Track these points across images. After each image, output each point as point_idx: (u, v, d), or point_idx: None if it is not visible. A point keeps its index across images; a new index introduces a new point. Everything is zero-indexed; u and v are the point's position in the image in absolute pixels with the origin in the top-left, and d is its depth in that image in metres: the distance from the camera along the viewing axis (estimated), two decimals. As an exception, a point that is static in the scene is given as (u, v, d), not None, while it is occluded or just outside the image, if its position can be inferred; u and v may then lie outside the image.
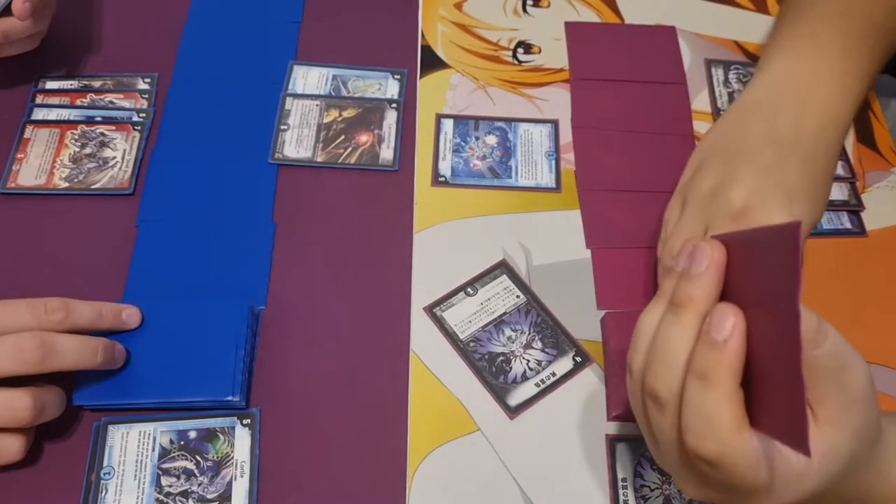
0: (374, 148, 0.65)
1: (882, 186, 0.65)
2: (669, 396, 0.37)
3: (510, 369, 0.55)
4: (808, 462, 0.35)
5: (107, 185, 0.62)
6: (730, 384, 0.35)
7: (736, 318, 0.35)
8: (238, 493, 0.49)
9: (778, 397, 0.33)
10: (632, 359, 0.40)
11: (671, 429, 0.38)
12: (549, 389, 0.54)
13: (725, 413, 0.35)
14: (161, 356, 0.52)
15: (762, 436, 0.35)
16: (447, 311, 0.57)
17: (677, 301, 0.38)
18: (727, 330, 0.35)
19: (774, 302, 0.33)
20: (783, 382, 0.32)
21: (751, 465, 0.35)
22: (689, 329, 0.37)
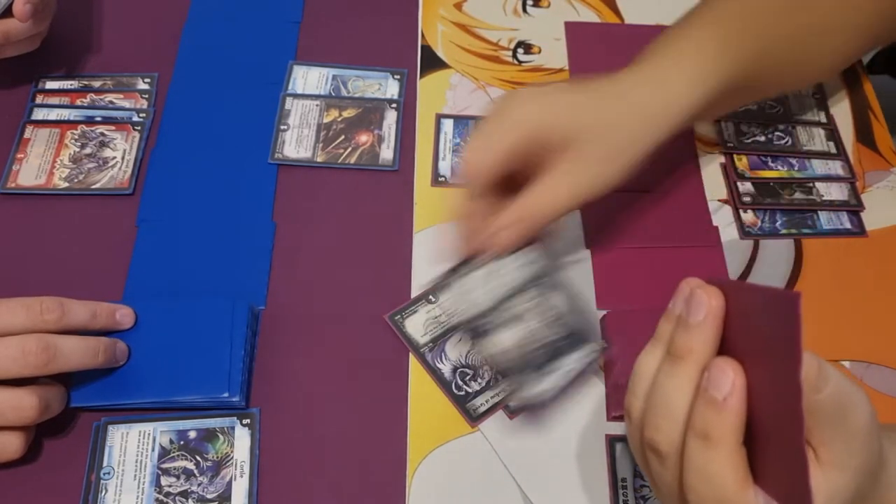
0: (374, 148, 0.65)
1: (882, 186, 0.65)
2: (670, 450, 0.37)
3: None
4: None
5: (107, 185, 0.62)
6: (732, 443, 0.34)
7: (735, 374, 0.34)
8: (238, 493, 0.49)
9: (779, 455, 0.33)
10: (630, 405, 0.40)
11: (673, 481, 0.37)
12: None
13: (728, 472, 0.34)
14: (158, 355, 0.52)
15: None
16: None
17: (675, 352, 0.37)
18: (727, 388, 0.34)
19: (775, 359, 0.32)
20: (784, 440, 0.32)
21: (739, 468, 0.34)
22: (687, 381, 0.36)
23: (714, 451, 0.34)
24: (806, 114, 0.68)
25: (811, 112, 0.68)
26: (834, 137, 0.67)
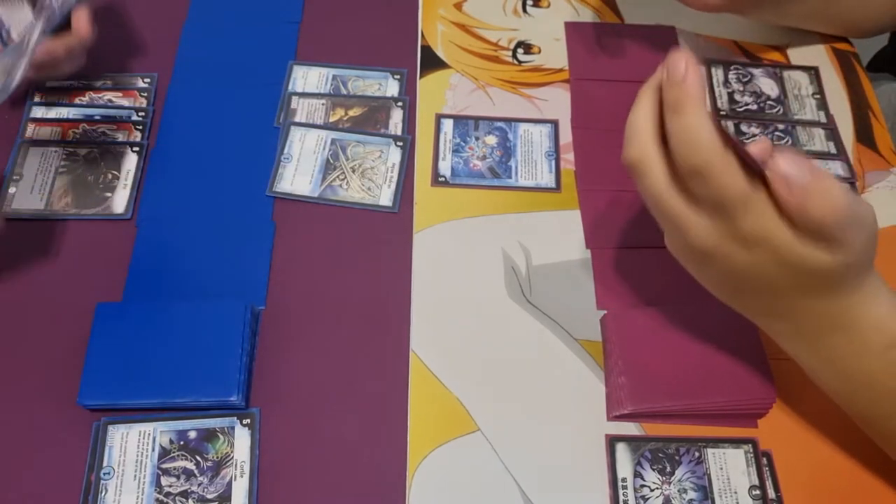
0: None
1: (882, 186, 0.65)
2: (642, 157, 0.43)
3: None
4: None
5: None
6: (699, 109, 0.40)
7: (688, 58, 0.40)
8: (238, 493, 0.49)
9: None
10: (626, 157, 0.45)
11: (654, 184, 0.43)
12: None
13: (704, 130, 0.39)
14: (163, 357, 0.52)
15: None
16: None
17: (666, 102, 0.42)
18: (682, 67, 0.40)
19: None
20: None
21: (733, 172, 0.39)
22: (649, 104, 0.43)
23: (688, 115, 0.40)
24: (806, 114, 0.68)
25: (811, 112, 0.68)
26: (834, 137, 0.67)
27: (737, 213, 0.40)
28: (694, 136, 0.40)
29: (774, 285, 0.43)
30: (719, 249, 0.42)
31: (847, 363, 0.45)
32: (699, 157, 0.40)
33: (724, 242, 0.42)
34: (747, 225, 0.40)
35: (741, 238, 0.41)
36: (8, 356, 0.55)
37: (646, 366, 0.53)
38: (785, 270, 0.42)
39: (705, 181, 0.40)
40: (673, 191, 0.43)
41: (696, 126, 0.40)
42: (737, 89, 0.70)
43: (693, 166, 0.40)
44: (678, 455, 0.52)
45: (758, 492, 0.51)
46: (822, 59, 0.73)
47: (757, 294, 0.45)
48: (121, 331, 0.53)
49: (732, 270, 0.43)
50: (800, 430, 0.53)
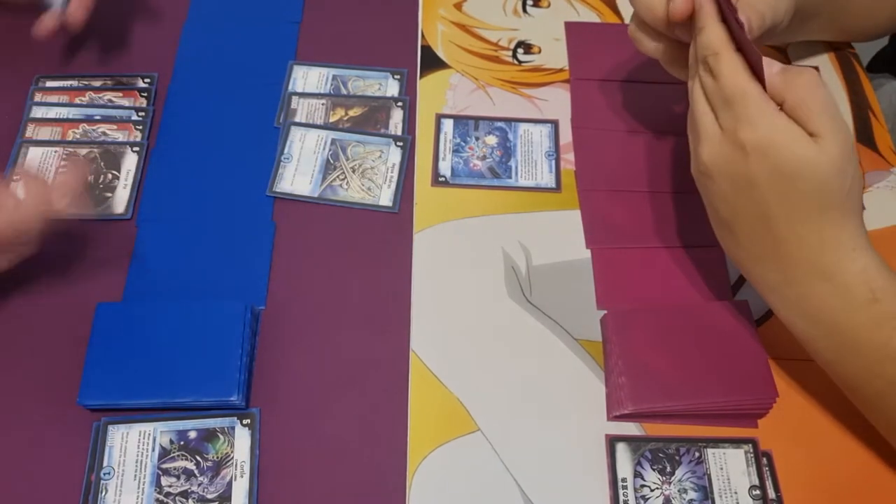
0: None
1: (882, 186, 0.65)
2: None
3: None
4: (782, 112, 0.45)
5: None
6: (713, 22, 0.48)
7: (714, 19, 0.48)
8: (238, 493, 0.49)
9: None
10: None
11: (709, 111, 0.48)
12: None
13: (714, 35, 0.47)
14: (163, 357, 0.52)
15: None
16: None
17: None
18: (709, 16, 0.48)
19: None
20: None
21: (737, 68, 0.46)
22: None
23: (704, 30, 0.48)
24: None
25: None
26: (834, 137, 0.67)
27: (737, 107, 0.45)
28: (707, 40, 0.47)
29: (768, 212, 0.46)
30: (722, 157, 0.47)
31: (833, 317, 0.47)
32: (710, 56, 0.47)
33: (726, 149, 0.46)
34: (746, 126, 0.45)
35: (741, 143, 0.45)
36: (8, 356, 0.55)
37: (646, 366, 0.53)
38: (777, 183, 0.45)
39: (714, 75, 0.46)
40: (700, 95, 0.48)
41: (710, 33, 0.47)
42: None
43: (706, 64, 0.47)
44: (678, 455, 0.52)
45: (758, 492, 0.51)
46: (822, 59, 0.73)
47: (752, 227, 0.47)
48: (121, 331, 0.53)
49: (733, 185, 0.47)
50: (800, 430, 0.53)
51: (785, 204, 0.45)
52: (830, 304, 0.46)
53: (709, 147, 0.47)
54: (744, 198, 0.47)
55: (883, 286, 0.45)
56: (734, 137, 0.46)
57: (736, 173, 0.46)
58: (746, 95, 0.45)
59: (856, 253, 0.46)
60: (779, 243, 0.47)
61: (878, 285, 0.45)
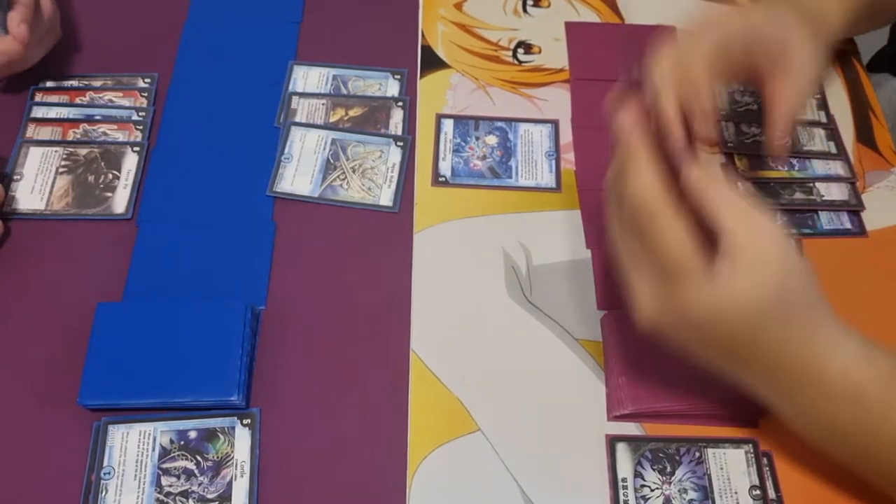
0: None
1: (882, 186, 0.65)
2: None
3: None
4: (732, 266, 0.40)
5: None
6: (645, 165, 0.42)
7: (631, 118, 0.43)
8: (238, 493, 0.49)
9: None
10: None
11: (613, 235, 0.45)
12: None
13: (648, 186, 0.41)
14: (164, 357, 0.52)
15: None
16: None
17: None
18: (628, 127, 0.42)
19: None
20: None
21: (679, 236, 0.41)
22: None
23: (634, 174, 0.42)
24: (806, 114, 0.68)
25: (811, 112, 0.68)
26: (834, 137, 0.67)
27: (679, 284, 0.41)
28: (639, 194, 0.41)
29: (734, 353, 0.44)
30: (668, 326, 0.43)
31: (821, 416, 0.45)
32: (645, 217, 0.41)
33: (670, 319, 0.43)
34: (693, 305, 0.41)
35: (688, 319, 0.42)
36: (8, 356, 0.55)
37: (646, 366, 0.53)
38: (736, 336, 0.42)
39: (651, 242, 0.41)
40: (629, 252, 0.44)
41: (642, 183, 0.41)
42: (737, 89, 0.70)
43: (640, 226, 0.41)
44: (678, 455, 0.52)
45: (758, 492, 0.51)
46: (822, 59, 0.73)
47: (720, 363, 0.46)
48: (121, 331, 0.53)
49: (687, 345, 0.45)
50: (800, 430, 0.53)
51: (748, 345, 0.43)
52: (818, 407, 0.45)
53: (650, 314, 0.44)
54: (702, 352, 0.45)
55: (867, 378, 0.44)
56: (682, 313, 0.42)
57: (691, 338, 0.44)
58: (693, 273, 0.41)
59: (832, 352, 0.43)
60: (753, 370, 0.45)
61: (861, 380, 0.44)
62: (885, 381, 0.44)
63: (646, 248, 0.42)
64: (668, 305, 0.42)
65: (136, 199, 0.62)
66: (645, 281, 0.43)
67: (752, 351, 0.43)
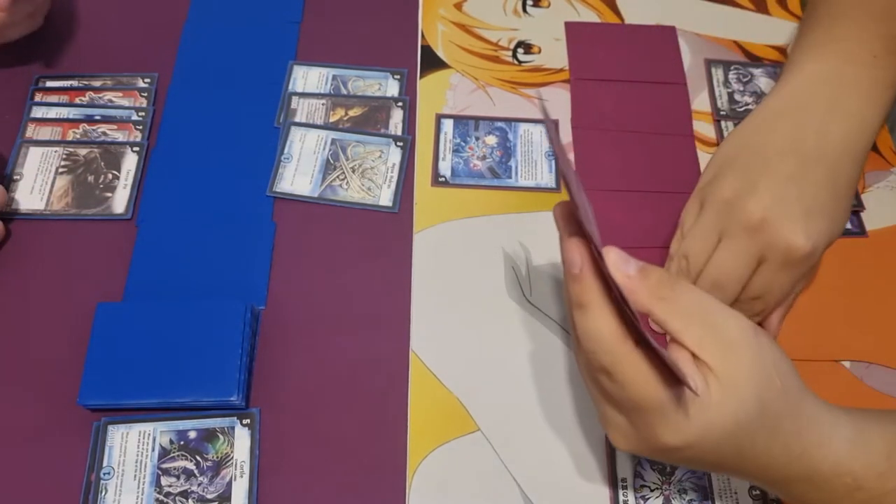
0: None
1: (882, 186, 0.65)
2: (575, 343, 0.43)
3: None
4: (705, 393, 0.38)
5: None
6: (599, 303, 0.39)
7: (580, 251, 0.39)
8: (238, 493, 0.50)
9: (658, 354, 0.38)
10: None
11: (581, 362, 0.42)
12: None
13: (605, 326, 0.39)
14: (164, 357, 0.52)
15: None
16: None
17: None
18: (578, 262, 0.39)
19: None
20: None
21: (642, 373, 0.38)
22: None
23: (588, 313, 0.39)
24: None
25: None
26: (834, 137, 0.67)
27: (650, 417, 0.39)
28: (596, 333, 0.39)
29: (721, 466, 0.42)
30: (647, 453, 0.42)
31: (819, 502, 0.44)
32: (604, 356, 0.39)
33: (648, 448, 0.41)
34: (667, 435, 0.39)
35: (665, 448, 0.40)
36: (8, 356, 0.55)
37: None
38: (719, 456, 0.41)
39: (614, 381, 0.39)
40: (595, 387, 0.42)
41: (598, 324, 0.39)
42: (737, 89, 0.70)
43: (600, 365, 0.39)
44: (678, 455, 0.52)
45: (758, 492, 0.51)
46: (822, 59, 0.73)
47: (712, 469, 0.46)
48: (121, 331, 0.53)
49: (672, 464, 0.45)
50: (800, 430, 0.53)
51: (736, 457, 0.41)
52: (816, 498, 0.44)
53: (623, 439, 0.42)
54: (689, 466, 0.44)
55: (861, 468, 0.42)
56: (656, 442, 0.40)
57: (667, 460, 0.43)
58: (663, 409, 0.39)
59: (823, 450, 0.42)
60: (745, 475, 0.43)
61: (856, 471, 0.42)
62: (880, 471, 0.42)
63: (612, 386, 0.40)
64: (642, 439, 0.41)
65: (136, 199, 0.62)
66: (617, 414, 0.42)
67: (739, 463, 0.41)
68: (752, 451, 0.41)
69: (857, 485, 0.42)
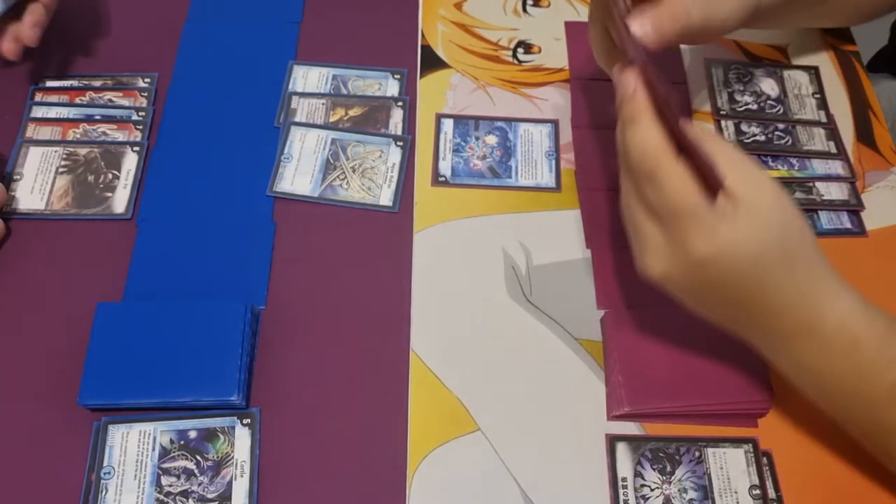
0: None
1: (882, 186, 0.65)
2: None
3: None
4: (733, 211, 0.42)
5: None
6: (648, 118, 0.44)
7: (635, 77, 0.44)
8: (238, 493, 0.50)
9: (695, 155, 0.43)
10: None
11: (629, 184, 0.46)
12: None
13: (651, 137, 0.43)
14: (164, 357, 0.52)
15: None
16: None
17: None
18: (632, 84, 0.44)
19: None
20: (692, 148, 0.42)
21: (680, 177, 0.43)
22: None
23: (639, 124, 0.44)
24: (806, 113, 0.68)
25: (811, 112, 0.68)
26: (834, 137, 0.67)
27: (685, 222, 0.43)
28: (644, 143, 0.43)
29: (735, 299, 0.45)
30: (675, 269, 0.45)
31: (817, 367, 0.46)
32: (649, 164, 0.43)
33: (678, 261, 0.44)
34: (698, 241, 0.43)
35: (694, 257, 0.43)
36: (8, 356, 0.55)
37: (645, 366, 0.53)
38: (739, 278, 0.43)
39: (656, 187, 0.43)
40: (637, 201, 0.46)
41: (646, 135, 0.43)
42: (737, 89, 0.70)
43: (645, 173, 0.43)
44: (678, 455, 0.52)
45: (758, 491, 0.51)
46: (822, 59, 0.73)
47: (723, 312, 0.47)
48: (121, 331, 0.53)
49: (692, 292, 0.46)
50: (800, 430, 0.53)
51: (755, 287, 0.44)
52: (814, 355, 0.46)
53: (657, 258, 0.45)
54: (710, 296, 0.46)
55: (863, 331, 0.45)
56: (687, 252, 0.43)
57: (695, 282, 0.45)
58: (697, 213, 0.42)
59: (832, 301, 0.45)
60: (756, 315, 0.45)
61: (858, 332, 0.45)
62: (881, 336, 0.45)
63: (653, 193, 0.44)
64: (675, 252, 0.44)
65: (136, 199, 0.62)
66: (654, 229, 0.45)
67: (754, 295, 0.44)
68: (770, 283, 0.43)
69: (857, 345, 0.45)
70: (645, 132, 0.44)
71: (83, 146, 0.64)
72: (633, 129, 0.44)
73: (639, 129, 0.44)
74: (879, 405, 0.46)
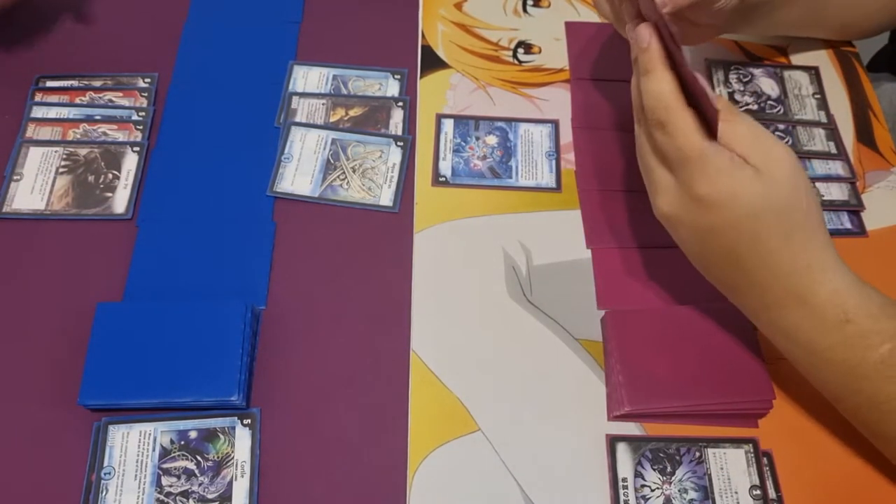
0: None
1: (882, 186, 0.65)
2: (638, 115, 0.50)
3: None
4: (741, 163, 0.45)
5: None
6: (661, 68, 0.46)
7: (649, 31, 0.47)
8: (238, 493, 0.50)
9: (704, 106, 0.45)
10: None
11: (641, 131, 0.49)
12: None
13: (665, 87, 0.46)
14: (164, 357, 0.52)
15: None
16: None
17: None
18: (646, 37, 0.47)
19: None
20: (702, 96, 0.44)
21: (689, 124, 0.45)
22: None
23: (654, 74, 0.46)
24: (806, 114, 0.68)
25: (811, 112, 0.68)
26: (834, 137, 0.67)
27: (693, 165, 0.45)
28: (657, 91, 0.46)
29: (735, 250, 0.46)
30: (682, 209, 0.47)
31: (809, 338, 0.47)
32: (661, 111, 0.46)
33: (684, 201, 0.46)
34: (703, 182, 0.45)
35: (699, 197, 0.45)
36: (8, 356, 0.55)
37: (645, 366, 0.53)
38: (739, 227, 0.45)
39: (666, 133, 0.46)
40: (650, 148, 0.48)
41: (660, 84, 0.46)
42: (737, 89, 0.70)
43: (657, 119, 0.46)
44: (679, 455, 0.52)
45: (758, 492, 0.51)
46: (822, 59, 0.73)
47: (722, 265, 0.48)
48: (121, 331, 0.53)
49: (696, 234, 0.48)
50: (800, 430, 0.53)
51: (750, 242, 0.46)
52: (805, 327, 0.47)
53: (666, 199, 0.48)
54: (709, 243, 0.47)
55: (855, 305, 0.46)
56: (691, 192, 0.46)
57: (697, 224, 0.47)
58: (703, 156, 0.45)
59: (826, 274, 0.46)
60: (750, 275, 0.47)
61: (849, 305, 0.46)
62: (872, 312, 0.46)
63: (663, 138, 0.46)
64: (683, 193, 0.46)
65: (136, 199, 0.62)
66: (664, 173, 0.47)
67: (749, 251, 0.46)
68: (766, 245, 0.45)
69: (848, 318, 0.46)
70: (659, 82, 0.46)
71: (83, 146, 0.64)
72: (646, 79, 0.47)
73: (652, 79, 0.46)
74: (869, 379, 0.46)
